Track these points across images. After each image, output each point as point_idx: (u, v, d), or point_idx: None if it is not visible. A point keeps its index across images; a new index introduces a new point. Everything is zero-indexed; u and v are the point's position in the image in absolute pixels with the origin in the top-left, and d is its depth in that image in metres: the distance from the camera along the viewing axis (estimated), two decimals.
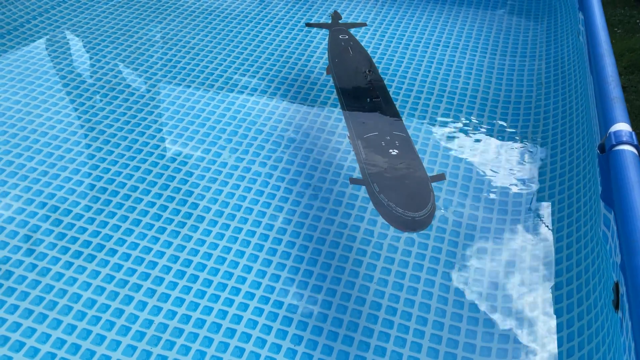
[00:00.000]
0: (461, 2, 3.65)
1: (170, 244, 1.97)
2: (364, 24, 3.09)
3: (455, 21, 3.41)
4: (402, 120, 2.14)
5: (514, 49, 3.13)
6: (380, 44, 3.14)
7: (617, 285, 1.41)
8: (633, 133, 1.54)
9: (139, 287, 1.83)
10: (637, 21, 5.04)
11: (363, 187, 2.19)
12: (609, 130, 1.57)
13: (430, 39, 3.21)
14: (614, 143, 1.51)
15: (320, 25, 3.04)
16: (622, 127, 1.56)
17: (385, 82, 2.75)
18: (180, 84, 2.77)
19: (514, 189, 2.22)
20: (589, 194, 1.96)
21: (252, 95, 2.71)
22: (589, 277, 1.73)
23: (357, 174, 2.16)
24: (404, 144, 1.98)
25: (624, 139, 1.50)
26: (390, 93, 2.67)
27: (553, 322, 1.74)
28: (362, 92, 2.20)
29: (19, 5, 3.37)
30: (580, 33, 2.65)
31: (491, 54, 3.09)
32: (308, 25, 3.09)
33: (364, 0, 3.61)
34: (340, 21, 2.90)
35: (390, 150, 1.93)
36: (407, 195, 1.77)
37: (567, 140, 2.31)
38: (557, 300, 1.79)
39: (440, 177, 1.97)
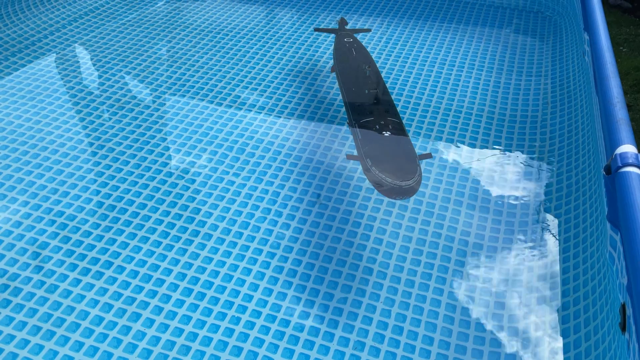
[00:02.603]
0: (467, 20, 3.69)
1: (177, 261, 1.99)
2: (369, 30, 3.40)
3: (462, 40, 3.44)
4: (396, 107, 2.39)
5: (520, 67, 3.15)
6: (387, 62, 3.17)
7: (624, 306, 1.41)
8: (639, 155, 1.55)
9: (147, 304, 1.84)
10: None
11: (371, 206, 2.22)
12: (615, 152, 1.57)
13: (436, 57, 3.24)
14: (620, 165, 1.52)
15: (328, 30, 3.28)
16: (628, 149, 1.56)
17: (392, 98, 2.78)
18: (188, 103, 2.80)
19: (521, 209, 2.22)
20: (595, 213, 1.96)
21: (260, 112, 2.74)
22: (595, 298, 1.73)
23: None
24: (396, 127, 2.21)
25: (630, 161, 1.51)
26: (398, 109, 2.71)
27: (560, 343, 1.74)
28: (361, 84, 2.43)
29: (31, 24, 3.42)
30: (586, 53, 2.67)
31: (497, 72, 3.11)
32: (317, 30, 3.36)
33: (370, 19, 3.65)
34: (346, 26, 3.19)
35: (384, 132, 2.16)
36: (395, 167, 2.00)
37: (573, 160, 2.32)
38: (564, 320, 1.79)
39: (428, 156, 2.26)
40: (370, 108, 2.28)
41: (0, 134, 2.52)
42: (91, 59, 3.16)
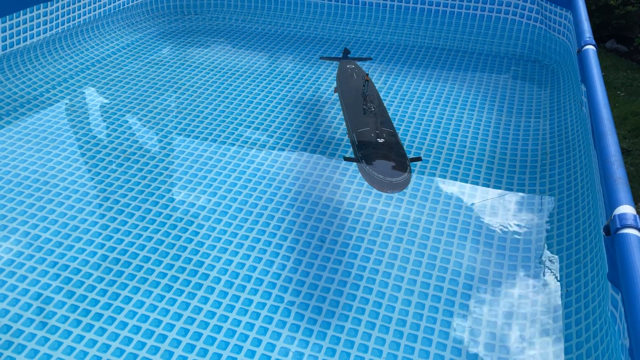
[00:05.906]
0: (466, 67, 3.77)
1: (180, 315, 1.99)
2: (370, 58, 3.76)
3: (461, 88, 3.51)
4: (390, 120, 2.63)
5: (519, 113, 3.22)
6: (392, 104, 3.23)
7: None
8: (637, 216, 1.57)
9: None
10: None
11: (377, 250, 2.28)
12: (614, 213, 1.59)
13: (435, 108, 3.30)
14: (619, 226, 1.54)
15: (332, 59, 3.60)
16: (627, 209, 1.58)
17: (400, 139, 2.89)
18: (192, 153, 2.85)
19: (523, 261, 2.23)
20: (596, 268, 1.97)
21: (264, 162, 2.78)
22: (598, 356, 1.72)
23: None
24: (390, 136, 2.45)
25: (629, 223, 1.53)
26: (405, 148, 2.82)
27: None
28: (360, 100, 2.69)
29: (39, 75, 3.50)
30: (584, 104, 2.72)
31: (497, 116, 3.16)
32: (322, 58, 3.68)
33: (374, 63, 3.73)
34: (349, 55, 3.53)
35: (378, 139, 2.40)
36: (387, 166, 2.26)
37: (573, 212, 2.34)
38: None
39: (418, 159, 2.51)
40: (366, 120, 2.53)
41: (7, 186, 2.56)
42: (98, 110, 3.22)
